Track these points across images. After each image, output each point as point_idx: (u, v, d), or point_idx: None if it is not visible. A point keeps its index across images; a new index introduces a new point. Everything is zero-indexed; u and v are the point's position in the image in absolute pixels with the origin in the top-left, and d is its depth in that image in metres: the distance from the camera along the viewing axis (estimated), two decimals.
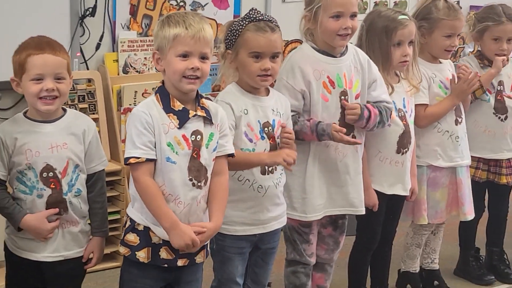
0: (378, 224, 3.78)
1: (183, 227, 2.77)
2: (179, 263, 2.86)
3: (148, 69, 4.69)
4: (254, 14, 3.09)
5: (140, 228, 2.85)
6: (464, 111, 4.03)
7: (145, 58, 4.67)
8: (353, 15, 3.34)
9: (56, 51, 2.88)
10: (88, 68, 4.58)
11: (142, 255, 2.84)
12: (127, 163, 2.78)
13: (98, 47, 4.61)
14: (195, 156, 2.81)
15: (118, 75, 4.65)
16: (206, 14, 4.83)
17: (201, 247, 2.89)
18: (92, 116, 4.26)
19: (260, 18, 3.09)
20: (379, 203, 3.66)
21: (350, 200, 3.49)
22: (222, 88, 3.25)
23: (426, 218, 3.98)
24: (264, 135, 3.11)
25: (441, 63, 4.00)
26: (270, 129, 3.12)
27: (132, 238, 2.85)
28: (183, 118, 2.80)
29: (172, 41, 2.77)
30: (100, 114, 4.48)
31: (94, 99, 4.48)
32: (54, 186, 2.89)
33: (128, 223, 2.88)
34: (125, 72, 4.66)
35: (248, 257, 3.21)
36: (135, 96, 4.58)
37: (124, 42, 4.63)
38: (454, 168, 4.00)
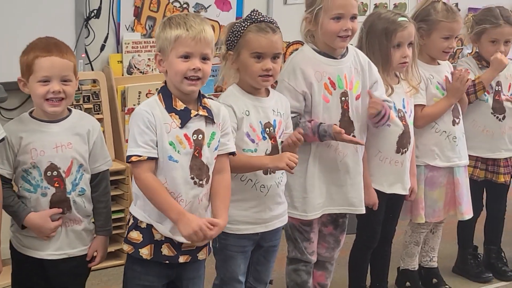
0: (378, 223, 3.78)
1: (190, 216, 2.76)
2: (181, 259, 2.86)
3: (152, 70, 4.69)
4: (255, 15, 3.09)
5: (143, 225, 2.84)
6: (462, 111, 4.02)
7: (149, 59, 4.67)
8: (353, 17, 3.34)
9: (63, 53, 2.87)
10: (93, 69, 4.58)
11: (145, 252, 2.83)
12: (129, 161, 2.78)
13: (102, 48, 4.61)
14: (197, 155, 2.81)
15: (123, 76, 4.65)
16: (209, 16, 4.84)
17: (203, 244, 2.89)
18: (96, 116, 4.26)
19: (262, 20, 3.09)
20: (379, 202, 3.66)
21: (350, 200, 3.48)
22: (225, 89, 3.25)
23: (424, 217, 3.98)
24: (266, 135, 3.11)
25: (439, 65, 4.00)
26: (271, 129, 3.12)
27: (135, 235, 2.85)
28: (185, 117, 2.80)
29: (174, 42, 2.77)
30: (104, 114, 4.49)
31: (99, 99, 4.48)
32: (58, 185, 2.89)
33: (131, 221, 2.88)
34: (129, 73, 4.66)
35: (250, 255, 3.21)
36: (139, 96, 4.58)
37: (128, 44, 4.63)
38: (452, 168, 4.00)
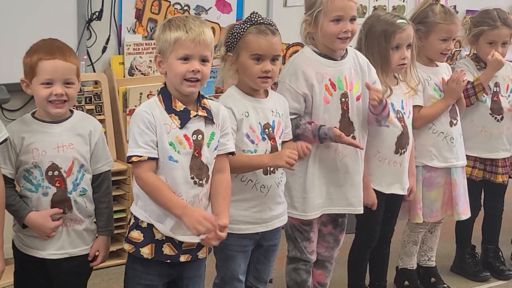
0: (377, 222, 3.78)
1: (192, 208, 2.76)
2: (182, 258, 2.86)
3: (153, 71, 4.69)
4: (255, 17, 3.09)
5: (144, 225, 2.84)
6: (459, 113, 4.01)
7: (150, 61, 4.66)
8: (352, 19, 3.33)
9: (66, 56, 2.86)
10: (94, 71, 4.57)
11: (146, 252, 2.83)
12: (129, 161, 2.78)
13: (104, 50, 4.61)
14: (197, 155, 2.81)
15: (124, 77, 4.65)
16: (209, 18, 4.85)
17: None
18: (98, 117, 4.26)
19: (261, 22, 3.08)
20: (378, 202, 3.65)
21: (349, 200, 3.48)
22: (224, 91, 3.23)
23: (421, 217, 3.98)
24: (265, 136, 3.11)
25: (437, 66, 3.99)
26: (271, 130, 3.12)
27: (136, 235, 2.85)
28: (184, 118, 2.80)
29: (173, 44, 2.77)
30: (106, 115, 4.48)
31: (101, 100, 4.48)
32: (59, 185, 2.88)
33: (132, 220, 2.87)
34: (130, 74, 4.66)
35: (250, 254, 3.21)
36: (140, 97, 4.57)
37: (130, 45, 4.63)
38: (449, 169, 3.99)
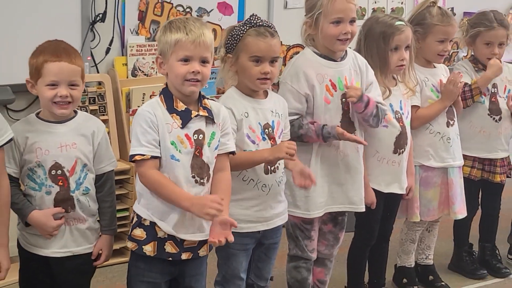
0: (376, 221, 3.78)
1: (197, 197, 2.76)
2: (183, 256, 2.85)
3: (156, 72, 4.68)
4: (254, 20, 3.08)
5: (147, 223, 2.83)
6: (456, 114, 4.00)
7: (153, 62, 4.65)
8: (352, 21, 3.33)
9: (71, 58, 2.86)
10: (98, 72, 4.57)
11: (148, 249, 2.83)
12: (132, 160, 2.77)
13: (108, 51, 4.60)
14: (198, 154, 2.81)
15: (127, 78, 4.65)
16: (211, 19, 4.85)
17: (203, 241, 2.88)
18: (102, 117, 4.26)
19: (260, 24, 3.07)
20: (377, 201, 3.65)
21: (350, 198, 3.48)
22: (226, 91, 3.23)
23: (419, 216, 3.98)
24: (265, 136, 3.10)
25: (435, 68, 3.99)
26: (270, 130, 3.12)
27: (139, 233, 2.84)
28: (185, 118, 2.79)
29: (174, 46, 2.76)
30: (109, 115, 4.48)
31: (104, 101, 4.47)
32: (62, 184, 2.88)
33: (135, 219, 2.87)
34: (133, 75, 4.65)
35: (251, 252, 3.20)
36: (143, 98, 4.57)
37: (133, 47, 4.63)
38: (446, 169, 3.98)
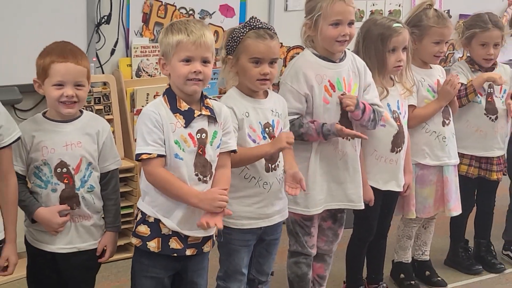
0: (374, 218, 3.78)
1: (202, 192, 2.78)
2: (188, 252, 2.87)
3: (159, 73, 4.68)
4: (254, 22, 3.09)
5: (151, 220, 2.84)
6: (452, 113, 4.00)
7: (156, 63, 4.64)
8: (350, 23, 3.34)
9: (78, 59, 2.87)
10: (103, 72, 4.58)
11: (152, 245, 2.84)
12: (138, 159, 2.78)
13: (112, 52, 4.61)
14: (201, 153, 2.82)
15: (132, 78, 4.65)
16: (213, 22, 4.86)
17: (207, 237, 2.90)
18: (107, 117, 4.27)
19: (260, 26, 3.08)
20: (375, 198, 3.65)
21: (349, 196, 3.49)
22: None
23: (414, 213, 3.98)
24: (266, 135, 3.11)
25: (431, 68, 3.99)
26: (271, 129, 3.12)
27: (143, 229, 2.85)
28: (188, 117, 2.80)
29: (175, 47, 2.77)
30: (114, 115, 4.48)
31: (109, 101, 4.48)
32: (67, 181, 2.89)
33: (140, 216, 2.87)
34: (138, 76, 4.66)
35: (253, 248, 3.21)
36: (147, 98, 4.57)
37: (137, 48, 4.63)
38: (441, 167, 3.99)
